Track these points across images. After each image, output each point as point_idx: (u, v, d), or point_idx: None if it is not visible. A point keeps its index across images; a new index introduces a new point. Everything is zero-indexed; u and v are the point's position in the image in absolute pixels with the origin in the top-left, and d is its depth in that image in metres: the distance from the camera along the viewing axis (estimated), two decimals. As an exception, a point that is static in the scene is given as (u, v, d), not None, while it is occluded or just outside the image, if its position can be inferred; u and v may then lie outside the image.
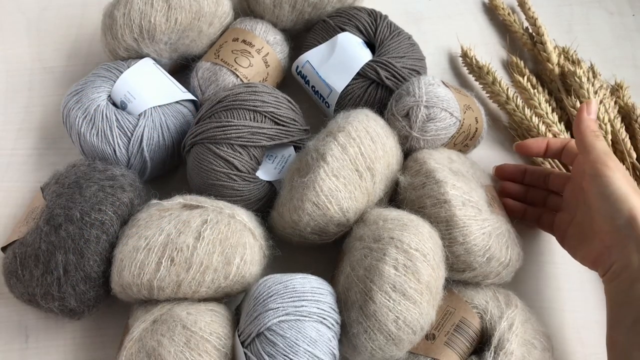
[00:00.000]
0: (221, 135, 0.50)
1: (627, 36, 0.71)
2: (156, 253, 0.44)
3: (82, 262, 0.47)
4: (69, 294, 0.47)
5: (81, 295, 0.47)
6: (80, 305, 0.48)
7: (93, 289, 0.48)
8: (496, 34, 0.71)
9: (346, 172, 0.47)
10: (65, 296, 0.47)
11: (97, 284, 0.48)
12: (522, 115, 0.61)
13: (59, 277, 0.47)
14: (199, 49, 0.61)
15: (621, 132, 0.59)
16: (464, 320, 0.48)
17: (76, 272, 0.47)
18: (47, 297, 0.48)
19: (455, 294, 0.50)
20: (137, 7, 0.55)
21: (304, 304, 0.42)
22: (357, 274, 0.44)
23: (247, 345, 0.42)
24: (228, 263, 0.45)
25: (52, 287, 0.47)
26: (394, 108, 0.53)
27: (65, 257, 0.47)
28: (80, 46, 0.69)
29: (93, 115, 0.53)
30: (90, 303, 0.49)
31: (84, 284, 0.47)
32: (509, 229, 0.51)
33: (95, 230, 0.47)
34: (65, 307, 0.48)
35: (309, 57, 0.59)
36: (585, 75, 0.60)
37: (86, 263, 0.47)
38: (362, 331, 0.43)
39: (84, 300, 0.48)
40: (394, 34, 0.59)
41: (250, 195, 0.52)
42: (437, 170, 0.50)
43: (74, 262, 0.47)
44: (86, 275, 0.47)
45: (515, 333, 0.47)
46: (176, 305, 0.45)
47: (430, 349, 0.47)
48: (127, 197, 0.50)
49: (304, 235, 0.49)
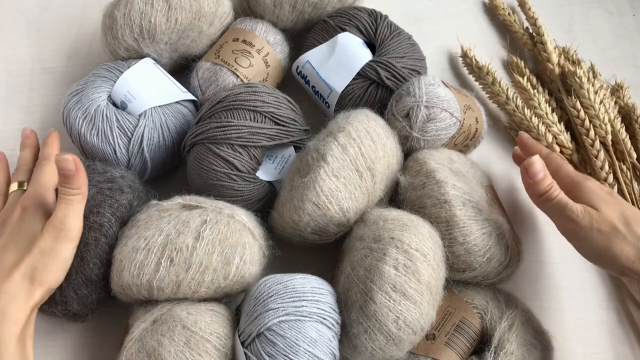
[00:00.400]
0: (221, 135, 0.50)
1: (627, 36, 0.71)
2: (155, 253, 0.44)
3: (82, 265, 0.47)
4: (72, 298, 0.47)
5: (83, 298, 0.47)
6: (83, 309, 0.48)
7: (95, 292, 0.48)
8: (496, 34, 0.71)
9: (346, 172, 0.47)
10: (67, 300, 0.47)
11: (98, 287, 0.48)
12: (522, 116, 0.61)
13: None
14: (199, 49, 0.61)
15: (621, 132, 0.59)
16: (464, 320, 0.48)
17: (77, 276, 0.47)
18: (49, 302, 0.48)
19: (456, 294, 0.50)
20: (138, 7, 0.55)
21: (304, 304, 0.42)
22: (357, 274, 0.44)
23: (247, 345, 0.42)
24: (227, 263, 0.45)
25: (54, 292, 0.47)
26: (394, 108, 0.53)
27: None
28: (80, 46, 0.69)
29: (93, 115, 0.53)
30: (93, 306, 0.49)
31: (85, 288, 0.47)
32: (509, 229, 0.51)
33: (93, 233, 0.47)
34: (69, 311, 0.48)
35: (309, 57, 0.59)
36: (586, 76, 0.60)
37: (86, 266, 0.47)
38: (363, 331, 0.43)
39: (87, 303, 0.48)
40: (394, 34, 0.59)
41: (250, 195, 0.52)
42: (438, 170, 0.50)
43: (75, 266, 0.47)
44: (87, 278, 0.47)
45: (515, 333, 0.47)
46: (176, 305, 0.45)
47: (431, 349, 0.47)
48: (126, 198, 0.50)
49: (304, 235, 0.49)
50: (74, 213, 0.46)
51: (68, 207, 0.46)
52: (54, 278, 0.45)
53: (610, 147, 0.59)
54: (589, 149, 0.59)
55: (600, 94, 0.60)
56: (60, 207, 0.46)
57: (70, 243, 0.46)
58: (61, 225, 0.46)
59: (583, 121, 0.59)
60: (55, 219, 0.46)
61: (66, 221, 0.46)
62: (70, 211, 0.46)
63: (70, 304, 0.47)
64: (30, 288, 0.44)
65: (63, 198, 0.46)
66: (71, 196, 0.46)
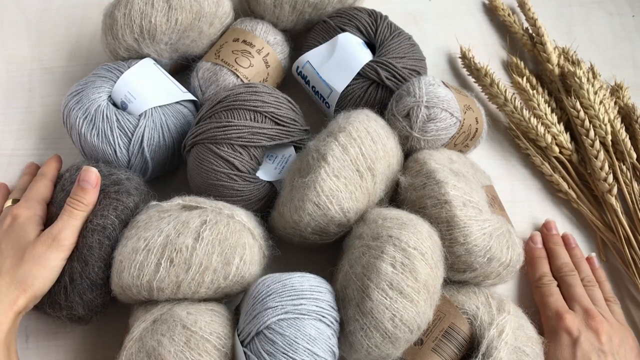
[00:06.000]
0: (221, 135, 0.50)
1: (626, 37, 0.71)
2: (155, 254, 0.44)
3: (87, 269, 0.46)
4: (77, 302, 0.47)
5: (89, 303, 0.47)
6: (88, 313, 0.48)
7: (100, 296, 0.48)
8: (496, 35, 0.71)
9: (347, 172, 0.47)
10: (72, 305, 0.47)
11: (103, 291, 0.48)
12: (521, 117, 0.61)
13: (65, 285, 0.47)
14: (200, 49, 0.61)
15: (621, 132, 0.59)
16: (452, 326, 0.47)
17: (82, 281, 0.46)
18: (54, 306, 0.48)
19: (447, 298, 0.49)
20: (138, 7, 0.55)
21: (302, 302, 0.42)
22: (354, 272, 0.44)
23: (246, 344, 0.42)
24: (227, 263, 0.45)
25: (59, 296, 0.47)
26: (394, 108, 0.53)
27: (70, 265, 0.47)
28: (80, 46, 0.69)
29: (93, 115, 0.53)
30: (98, 310, 0.49)
31: (90, 292, 0.47)
32: (509, 229, 0.51)
33: (97, 236, 0.47)
34: (74, 316, 0.48)
35: (309, 57, 0.59)
36: (585, 76, 0.60)
37: (91, 270, 0.46)
38: (359, 328, 0.43)
39: (92, 307, 0.48)
40: (395, 34, 0.59)
41: (250, 195, 0.52)
42: (438, 170, 0.50)
43: (79, 271, 0.46)
44: (92, 282, 0.47)
45: (504, 340, 0.46)
46: (176, 305, 0.45)
47: (417, 355, 0.46)
48: (133, 201, 0.49)
49: (305, 235, 0.49)
50: (73, 227, 0.47)
51: (70, 221, 0.47)
52: (40, 285, 0.46)
53: (610, 147, 0.59)
54: (588, 149, 0.59)
55: (600, 94, 0.60)
56: (63, 218, 0.47)
57: (61, 254, 0.46)
58: (58, 235, 0.46)
59: (583, 121, 0.59)
60: (54, 228, 0.47)
61: (63, 232, 0.46)
62: (70, 225, 0.47)
63: (76, 309, 0.47)
64: (15, 294, 0.45)
65: (68, 210, 0.47)
66: (77, 210, 0.47)
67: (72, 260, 0.47)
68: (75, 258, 0.47)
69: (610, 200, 0.57)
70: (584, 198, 0.60)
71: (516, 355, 0.46)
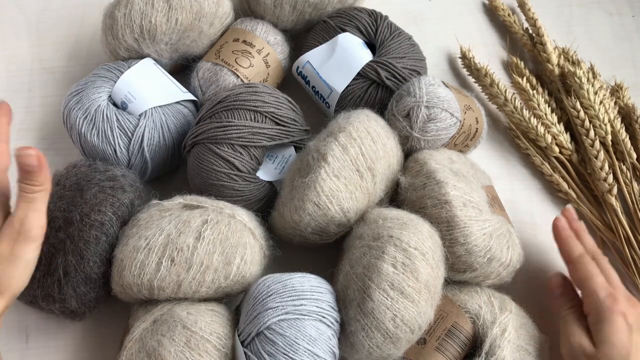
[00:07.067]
0: (222, 135, 0.50)
1: (626, 37, 0.71)
2: (156, 253, 0.44)
3: (82, 263, 0.47)
4: (70, 295, 0.47)
5: (82, 296, 0.47)
6: (81, 307, 0.48)
7: (94, 290, 0.48)
8: (496, 35, 0.71)
9: (347, 172, 0.47)
10: (66, 298, 0.47)
11: (97, 285, 0.48)
12: (521, 117, 0.61)
13: (59, 278, 0.47)
14: (200, 49, 0.61)
15: (621, 132, 0.59)
16: (455, 325, 0.47)
17: (76, 274, 0.47)
18: (48, 299, 0.48)
19: (449, 298, 0.49)
20: (138, 7, 0.55)
21: (303, 303, 0.42)
22: (355, 272, 0.44)
23: (247, 344, 0.42)
24: (228, 263, 0.45)
25: (53, 289, 0.47)
26: (394, 108, 0.53)
27: (65, 258, 0.47)
28: (80, 46, 0.69)
29: (94, 115, 0.53)
30: (91, 304, 0.49)
31: (84, 285, 0.47)
32: (509, 229, 0.51)
33: (94, 232, 0.47)
34: (67, 309, 0.48)
35: (309, 57, 0.59)
36: (585, 76, 0.60)
37: (86, 264, 0.47)
38: (360, 329, 0.43)
39: (85, 301, 0.48)
40: (395, 34, 0.59)
41: (250, 195, 0.52)
42: (438, 170, 0.50)
43: (74, 264, 0.47)
44: (86, 276, 0.47)
45: (507, 339, 0.46)
46: (176, 305, 0.45)
47: (421, 354, 0.46)
48: (128, 197, 0.50)
49: (305, 235, 0.49)
50: (35, 212, 0.43)
51: (29, 206, 0.43)
52: (16, 284, 0.43)
53: (610, 147, 0.59)
54: (589, 149, 0.59)
55: (600, 95, 0.60)
56: (21, 206, 0.43)
57: (32, 244, 0.43)
58: (20, 226, 0.42)
59: (583, 121, 0.59)
60: (14, 219, 0.43)
61: (26, 221, 0.42)
62: (31, 210, 0.43)
63: (69, 302, 0.47)
64: None
65: (24, 196, 0.43)
66: (33, 194, 0.43)
67: (67, 254, 0.47)
68: (70, 252, 0.47)
69: (610, 200, 0.57)
70: (584, 198, 0.60)
71: (519, 353, 0.46)
